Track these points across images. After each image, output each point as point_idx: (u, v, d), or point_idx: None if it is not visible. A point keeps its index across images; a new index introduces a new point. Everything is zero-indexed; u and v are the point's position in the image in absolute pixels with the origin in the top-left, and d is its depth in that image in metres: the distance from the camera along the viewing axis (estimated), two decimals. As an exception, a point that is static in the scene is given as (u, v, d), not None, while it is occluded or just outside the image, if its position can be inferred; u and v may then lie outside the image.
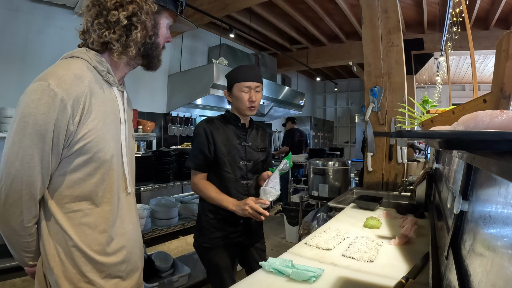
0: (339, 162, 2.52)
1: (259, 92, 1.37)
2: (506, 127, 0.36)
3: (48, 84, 0.67)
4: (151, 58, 0.85)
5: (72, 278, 0.75)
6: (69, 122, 0.70)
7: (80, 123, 0.72)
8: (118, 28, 0.75)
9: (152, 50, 0.83)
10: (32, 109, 0.66)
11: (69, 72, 0.70)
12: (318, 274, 0.87)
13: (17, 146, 0.67)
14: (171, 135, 4.26)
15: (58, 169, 0.73)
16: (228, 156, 1.34)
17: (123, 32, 0.76)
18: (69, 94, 0.69)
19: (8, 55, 2.78)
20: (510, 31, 0.54)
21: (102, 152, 0.76)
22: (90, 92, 0.73)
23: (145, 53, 0.83)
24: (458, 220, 0.64)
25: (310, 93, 8.87)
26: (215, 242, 1.36)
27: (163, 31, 0.85)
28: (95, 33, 0.76)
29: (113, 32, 0.75)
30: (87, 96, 0.72)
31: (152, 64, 0.86)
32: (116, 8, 0.74)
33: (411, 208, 1.59)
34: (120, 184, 0.83)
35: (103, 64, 0.78)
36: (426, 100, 1.33)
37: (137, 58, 0.83)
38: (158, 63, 0.87)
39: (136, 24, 0.76)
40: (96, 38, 0.76)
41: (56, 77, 0.68)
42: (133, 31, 0.76)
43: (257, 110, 1.39)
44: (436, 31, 4.59)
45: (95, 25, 0.75)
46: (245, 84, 1.33)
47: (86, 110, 0.72)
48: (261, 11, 4.34)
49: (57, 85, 0.67)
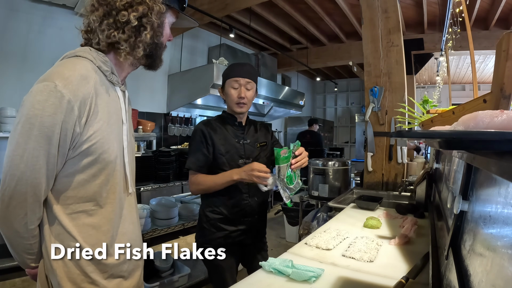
0: (339, 162, 2.52)
1: (250, 89, 1.35)
2: (506, 127, 0.36)
3: (55, 85, 0.66)
4: (154, 58, 0.84)
5: (75, 279, 0.75)
6: (75, 124, 0.69)
7: (87, 124, 0.71)
8: (128, 28, 0.74)
9: (156, 50, 0.83)
10: (38, 111, 0.65)
11: (75, 73, 0.69)
12: (318, 274, 0.87)
13: (22, 148, 0.66)
14: (171, 135, 4.26)
15: (63, 170, 0.73)
16: (226, 155, 1.34)
17: (132, 32, 0.75)
18: (76, 95, 0.68)
19: (8, 55, 2.78)
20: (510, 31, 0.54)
21: (107, 153, 0.75)
22: (95, 93, 0.72)
23: (150, 53, 0.82)
24: (458, 220, 0.64)
25: (310, 93, 8.87)
26: (217, 242, 1.35)
27: (166, 30, 0.85)
28: (103, 33, 0.74)
29: (122, 32, 0.74)
30: (93, 97, 0.72)
31: (154, 64, 0.86)
32: (126, 9, 0.73)
33: (411, 208, 1.59)
34: (122, 185, 0.83)
35: (107, 64, 0.78)
36: (426, 100, 1.33)
37: (141, 58, 0.83)
38: (160, 62, 0.87)
39: (145, 25, 0.76)
40: (104, 38, 0.75)
41: (63, 78, 0.67)
42: (143, 32, 0.76)
43: (247, 107, 1.37)
44: (436, 31, 4.59)
45: (104, 25, 0.74)
46: (234, 79, 1.33)
47: (92, 111, 0.72)
48: (261, 11, 4.34)
49: (64, 86, 0.66)
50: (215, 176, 1.28)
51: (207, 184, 1.29)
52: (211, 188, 1.30)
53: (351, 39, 5.47)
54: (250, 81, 1.35)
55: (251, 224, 1.40)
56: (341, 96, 9.01)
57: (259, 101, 4.50)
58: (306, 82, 8.55)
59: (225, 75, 1.37)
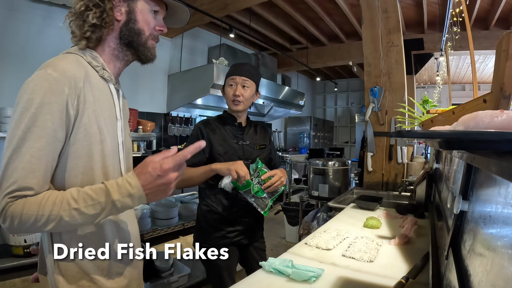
0: (339, 162, 2.52)
1: (246, 87, 1.35)
2: (506, 127, 0.36)
3: (46, 71, 0.68)
4: (135, 46, 0.82)
5: (74, 277, 0.75)
6: (68, 104, 0.69)
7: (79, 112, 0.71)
8: (78, 15, 0.78)
9: (133, 36, 0.81)
10: (30, 94, 0.67)
11: (65, 62, 0.72)
12: (318, 274, 0.87)
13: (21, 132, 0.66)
14: (171, 135, 4.26)
15: (59, 166, 0.72)
16: (225, 156, 1.33)
17: (81, 18, 0.78)
18: (66, 77, 0.69)
19: (8, 55, 2.78)
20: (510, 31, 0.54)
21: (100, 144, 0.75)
22: (86, 82, 0.73)
23: (126, 40, 0.81)
24: (458, 220, 0.64)
25: (310, 93, 8.88)
26: (214, 242, 1.35)
27: (144, 17, 0.82)
28: (71, 29, 0.79)
29: (75, 19, 0.78)
30: (83, 87, 0.72)
31: (140, 54, 0.84)
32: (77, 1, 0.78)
33: (411, 208, 1.59)
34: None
35: (97, 60, 0.79)
36: (426, 100, 1.33)
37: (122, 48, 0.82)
38: (148, 52, 0.84)
39: (91, 8, 0.77)
40: (71, 32, 0.79)
41: (53, 66, 0.70)
42: (89, 15, 0.77)
43: (244, 106, 1.36)
44: (436, 31, 4.59)
45: (71, 22, 0.79)
46: (231, 78, 1.36)
47: (83, 99, 0.72)
48: (261, 11, 4.35)
49: (53, 70, 0.69)
50: (196, 168, 1.27)
51: (187, 174, 1.26)
52: (191, 179, 1.28)
53: (351, 39, 5.47)
54: (247, 80, 1.35)
55: (249, 224, 1.41)
56: (341, 96, 9.01)
57: (259, 101, 4.50)
58: (306, 82, 8.55)
59: (226, 75, 1.41)
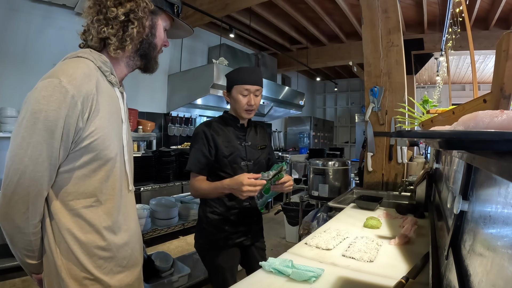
0: (339, 162, 2.52)
1: (258, 95, 1.36)
2: (506, 127, 0.36)
3: (60, 81, 0.68)
4: (148, 59, 0.88)
5: (77, 275, 0.76)
6: (78, 119, 0.71)
7: (89, 120, 0.73)
8: (116, 23, 0.78)
9: (149, 50, 0.87)
10: (43, 105, 0.67)
11: (79, 71, 0.72)
12: (318, 274, 0.87)
13: (26, 142, 0.68)
14: (171, 135, 4.26)
15: (64, 166, 0.74)
16: (229, 157, 1.33)
17: (120, 27, 0.79)
18: (80, 91, 0.70)
19: (8, 55, 2.78)
20: (510, 31, 0.54)
21: (107, 150, 0.77)
22: (97, 91, 0.75)
23: (143, 52, 0.86)
24: (458, 220, 0.64)
25: (310, 93, 8.88)
26: (217, 243, 1.36)
27: (160, 33, 0.88)
28: (94, 29, 0.79)
29: (111, 27, 0.78)
30: (95, 95, 0.74)
31: (149, 65, 0.90)
32: (115, 6, 0.78)
33: (411, 208, 1.59)
34: (123, 182, 0.85)
35: (107, 65, 0.81)
36: (426, 100, 1.33)
37: (136, 58, 0.86)
38: (155, 65, 0.91)
39: (133, 20, 0.80)
40: (95, 34, 0.79)
41: (67, 75, 0.70)
42: (130, 26, 0.80)
43: (255, 112, 1.38)
44: (436, 31, 4.59)
45: (95, 22, 0.78)
46: (244, 87, 1.31)
47: (94, 108, 0.74)
48: (261, 11, 4.35)
49: (68, 82, 0.69)
50: (210, 187, 1.27)
51: (202, 192, 1.30)
52: (206, 196, 1.33)
53: (351, 39, 5.47)
54: (259, 88, 1.35)
55: (251, 225, 1.41)
56: (341, 96, 9.01)
57: (259, 101, 4.49)
58: (306, 82, 8.55)
59: (234, 80, 1.34)
